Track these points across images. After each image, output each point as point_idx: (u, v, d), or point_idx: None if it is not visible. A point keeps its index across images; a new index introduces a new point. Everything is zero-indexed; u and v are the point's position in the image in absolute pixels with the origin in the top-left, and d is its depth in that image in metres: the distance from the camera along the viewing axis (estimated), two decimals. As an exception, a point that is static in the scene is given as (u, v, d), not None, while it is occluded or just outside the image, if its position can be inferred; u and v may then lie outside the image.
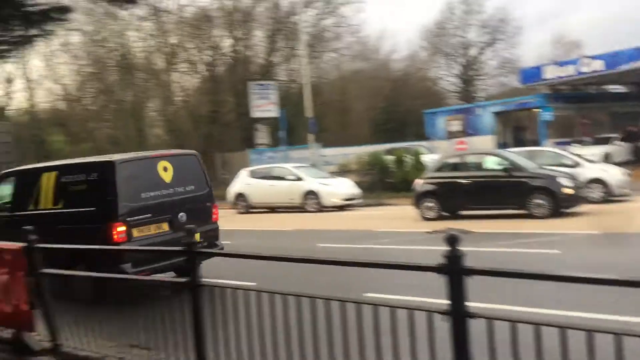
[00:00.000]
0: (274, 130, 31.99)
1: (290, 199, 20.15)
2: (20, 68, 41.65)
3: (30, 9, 5.81)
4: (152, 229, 8.17)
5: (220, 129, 34.81)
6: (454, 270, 3.22)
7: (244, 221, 18.40)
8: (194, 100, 36.68)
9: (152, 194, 8.30)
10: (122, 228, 7.76)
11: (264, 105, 29.95)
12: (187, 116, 36.33)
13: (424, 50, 49.19)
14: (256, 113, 30.12)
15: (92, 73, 38.53)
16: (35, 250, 5.73)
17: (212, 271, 4.58)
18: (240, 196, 21.39)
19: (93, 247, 6.22)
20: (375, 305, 3.64)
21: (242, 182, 21.65)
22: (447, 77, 48.96)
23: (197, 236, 9.43)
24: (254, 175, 21.68)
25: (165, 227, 8.38)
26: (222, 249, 8.83)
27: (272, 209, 20.84)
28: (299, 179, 20.25)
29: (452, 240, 3.23)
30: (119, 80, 37.64)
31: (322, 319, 3.76)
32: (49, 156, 39.79)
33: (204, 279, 4.39)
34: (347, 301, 3.71)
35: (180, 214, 8.45)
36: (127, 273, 6.75)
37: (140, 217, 8.03)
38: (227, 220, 18.71)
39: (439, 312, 3.31)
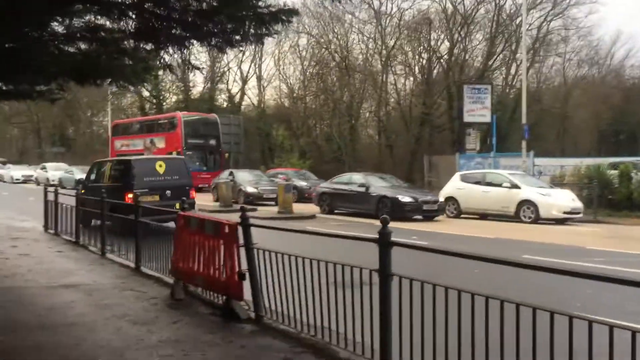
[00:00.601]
0: (485, 136, 31.04)
1: (503, 207, 19.18)
2: (254, 68, 46.08)
3: (262, 10, 6.33)
4: (149, 198, 13.50)
5: (430, 132, 34.74)
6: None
7: (450, 225, 17.93)
8: (406, 103, 37.08)
9: (151, 179, 14.32)
10: (130, 195, 13.20)
11: (477, 109, 29.18)
12: (399, 118, 36.89)
13: (666, 55, 43.76)
14: (468, 117, 29.48)
15: (315, 74, 41.06)
16: (249, 226, 6.33)
17: (399, 264, 4.62)
18: (450, 200, 20.80)
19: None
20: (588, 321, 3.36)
21: (454, 186, 21.02)
22: (694, 86, 43.03)
23: (178, 205, 11.82)
24: (467, 179, 20.97)
25: (157, 198, 14.03)
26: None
27: (483, 216, 20.11)
28: (516, 186, 19.14)
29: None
30: (338, 81, 39.56)
31: (512, 325, 3.59)
32: (272, 148, 43.58)
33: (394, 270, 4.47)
34: (538, 308, 3.49)
35: (167, 191, 14.31)
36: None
37: (142, 190, 13.70)
38: (434, 224, 18.54)
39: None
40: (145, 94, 49.34)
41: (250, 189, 25.32)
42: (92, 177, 16.03)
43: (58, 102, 15.34)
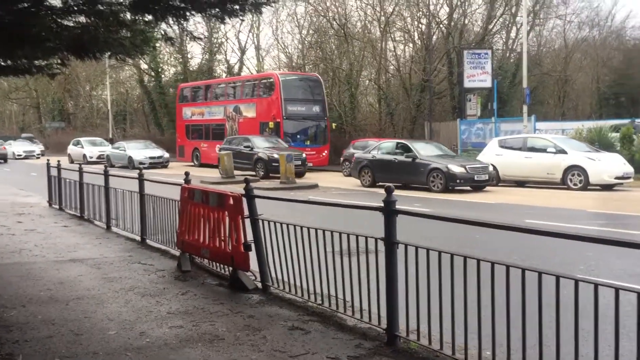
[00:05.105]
0: (485, 101, 30.90)
1: (548, 174, 18.32)
2: (252, 38, 45.59)
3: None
4: None
5: (430, 99, 34.57)
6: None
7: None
8: (406, 70, 36.79)
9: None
10: None
11: (477, 75, 28.99)
12: (399, 85, 36.63)
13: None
14: (468, 83, 29.30)
15: (314, 42, 40.63)
16: (253, 197, 6.36)
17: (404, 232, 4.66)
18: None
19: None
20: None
21: (491, 153, 19.82)
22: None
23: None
24: (505, 145, 19.82)
25: None
26: None
27: (522, 184, 19.18)
28: (562, 151, 18.14)
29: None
30: (337, 49, 39.16)
31: (517, 289, 3.64)
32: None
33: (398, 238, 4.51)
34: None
35: None
36: None
37: None
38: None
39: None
40: (144, 66, 48.94)
41: (456, 169, 17.64)
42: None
43: (57, 77, 15.10)
